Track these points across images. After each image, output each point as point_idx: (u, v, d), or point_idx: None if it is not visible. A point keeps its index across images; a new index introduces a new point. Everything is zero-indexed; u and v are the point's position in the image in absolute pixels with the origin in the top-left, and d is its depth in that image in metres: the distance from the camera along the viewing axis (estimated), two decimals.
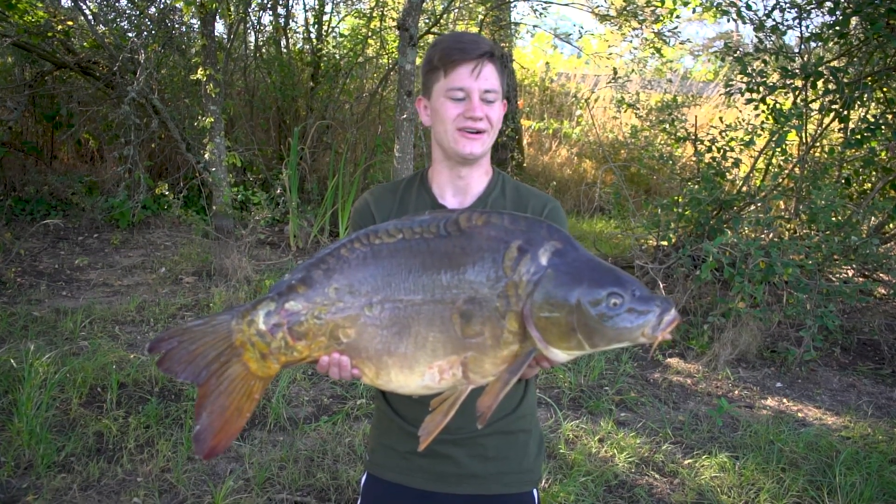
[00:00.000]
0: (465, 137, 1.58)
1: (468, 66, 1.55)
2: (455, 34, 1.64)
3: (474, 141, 1.58)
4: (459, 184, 1.67)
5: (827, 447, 3.72)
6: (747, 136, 5.96)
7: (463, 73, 1.56)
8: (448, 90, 1.57)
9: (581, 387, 4.38)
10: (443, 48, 1.58)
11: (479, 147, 1.59)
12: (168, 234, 7.16)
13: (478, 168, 1.67)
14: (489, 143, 1.62)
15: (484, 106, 1.57)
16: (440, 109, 1.59)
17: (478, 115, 1.56)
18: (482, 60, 1.56)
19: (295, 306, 1.35)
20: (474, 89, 1.56)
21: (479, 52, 1.56)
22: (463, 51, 1.56)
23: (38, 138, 8.39)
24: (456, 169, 1.65)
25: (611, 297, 1.28)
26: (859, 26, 5.75)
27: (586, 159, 11.20)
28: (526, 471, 1.72)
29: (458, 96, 1.57)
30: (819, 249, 5.08)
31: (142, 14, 7.44)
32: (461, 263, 1.32)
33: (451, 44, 1.58)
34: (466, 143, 1.58)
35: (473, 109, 1.56)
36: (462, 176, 1.66)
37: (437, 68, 1.59)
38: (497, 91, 1.59)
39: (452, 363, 1.33)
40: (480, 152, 1.60)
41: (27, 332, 4.50)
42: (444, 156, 1.66)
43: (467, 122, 1.57)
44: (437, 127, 1.62)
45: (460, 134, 1.58)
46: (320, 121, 8.37)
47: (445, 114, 1.58)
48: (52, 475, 3.06)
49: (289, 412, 3.79)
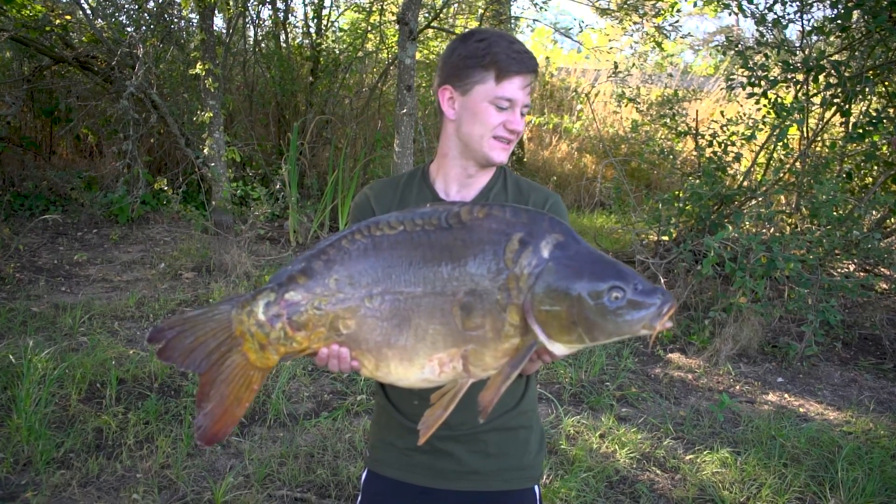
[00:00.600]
0: (500, 146, 1.59)
1: (524, 79, 1.55)
2: (507, 38, 1.59)
3: (505, 151, 1.60)
4: (468, 182, 1.67)
5: (829, 442, 3.71)
6: (748, 130, 5.95)
7: (516, 85, 1.54)
8: (497, 97, 1.55)
9: (582, 382, 4.37)
10: (499, 52, 1.54)
11: (507, 156, 1.62)
12: (167, 229, 7.14)
13: (490, 170, 1.69)
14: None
15: (521, 119, 1.59)
16: (482, 113, 1.57)
17: (518, 128, 1.57)
18: (534, 76, 1.57)
19: (295, 297, 1.34)
20: (520, 102, 1.56)
21: (534, 67, 1.56)
22: (521, 62, 1.54)
23: (36, 133, 8.37)
24: (471, 168, 1.65)
25: (612, 290, 1.27)
26: (861, 20, 5.73)
27: (587, 154, 11.18)
28: (527, 467, 1.71)
29: (503, 105, 1.56)
30: (820, 244, 5.07)
31: (140, 8, 7.42)
32: (462, 256, 1.31)
33: (509, 51, 1.54)
34: (500, 153, 1.59)
35: (516, 122, 1.56)
36: (472, 175, 1.66)
37: (487, 69, 1.55)
38: (529, 105, 1.61)
39: (453, 356, 1.32)
40: (506, 160, 1.63)
41: (26, 328, 4.49)
42: (461, 153, 1.63)
43: (506, 132, 1.57)
44: (468, 127, 1.59)
45: (496, 141, 1.58)
46: (320, 116, 8.35)
47: (487, 119, 1.56)
48: (52, 471, 3.05)
49: (289, 408, 3.78)
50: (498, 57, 1.53)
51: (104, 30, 7.05)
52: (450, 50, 1.62)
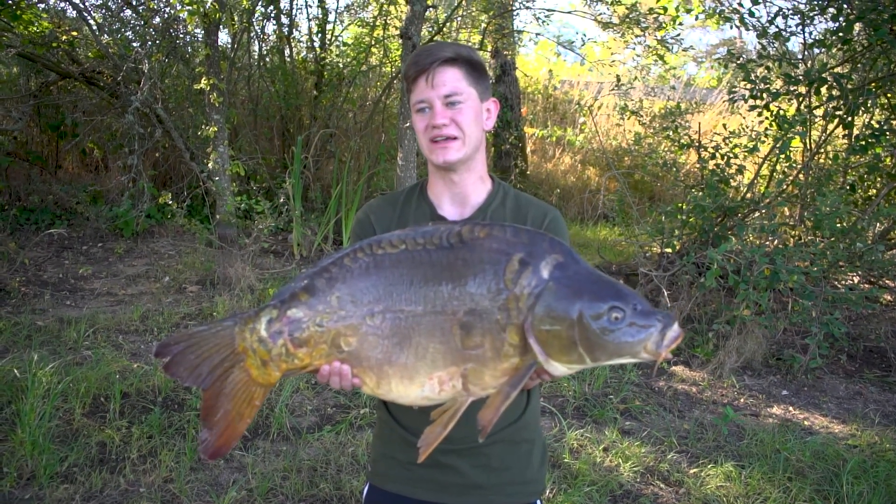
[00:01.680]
0: (437, 147, 1.60)
1: (423, 76, 1.58)
2: (417, 50, 1.65)
3: (446, 149, 1.60)
4: (455, 191, 1.67)
5: (834, 456, 3.69)
6: (751, 142, 5.95)
7: (420, 86, 1.59)
8: (415, 104, 1.61)
9: (585, 395, 4.36)
10: (406, 66, 1.63)
11: (453, 153, 1.60)
12: (172, 243, 7.16)
13: (469, 174, 1.66)
14: (467, 148, 1.61)
15: (448, 111, 1.58)
16: (414, 124, 1.65)
17: (439, 121, 1.57)
18: (433, 67, 1.57)
19: (297, 314, 1.36)
20: (434, 97, 1.58)
21: (432, 59, 1.57)
22: (417, 63, 1.59)
23: (42, 148, 8.41)
24: (446, 177, 1.66)
25: (612, 310, 1.27)
26: (863, 32, 5.75)
27: (590, 166, 11.20)
28: (530, 481, 1.71)
29: (422, 107, 1.60)
30: (824, 256, 5.05)
31: (146, 24, 7.47)
32: (463, 275, 1.33)
33: (410, 59, 1.62)
34: (439, 153, 1.60)
35: (434, 117, 1.58)
36: (455, 182, 1.66)
37: (407, 86, 1.64)
38: (461, 93, 1.58)
39: (452, 374, 1.33)
40: (456, 159, 1.60)
41: (31, 342, 4.50)
42: (433, 167, 1.68)
43: (433, 131, 1.58)
44: (418, 140, 1.67)
45: (433, 144, 1.60)
46: (324, 129, 8.39)
47: (416, 127, 1.63)
48: (55, 486, 3.05)
49: (292, 421, 3.78)
50: (404, 71, 1.63)
51: (110, 45, 7.10)
52: None
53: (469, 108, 1.59)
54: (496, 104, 1.68)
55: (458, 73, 1.58)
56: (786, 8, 5.85)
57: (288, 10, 9.09)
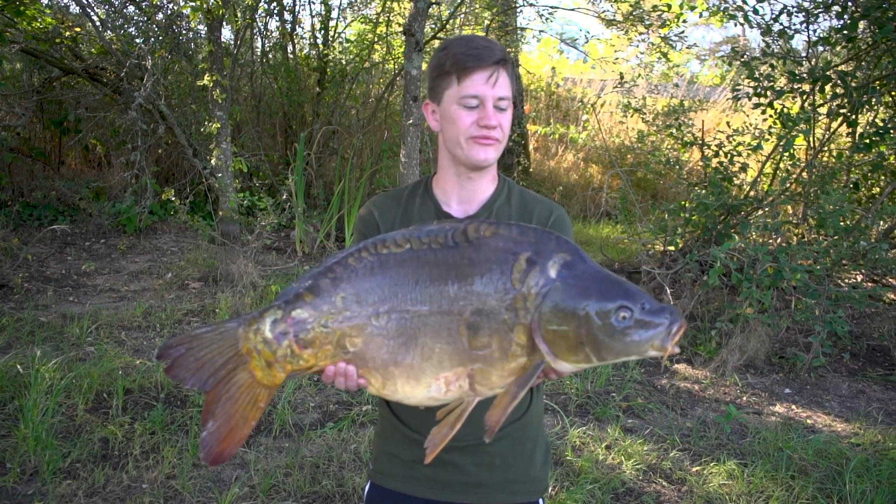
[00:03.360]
0: (479, 144, 1.55)
1: (484, 73, 1.52)
2: (465, 38, 1.59)
3: (488, 147, 1.56)
4: (467, 188, 1.64)
5: (837, 454, 3.68)
6: (755, 140, 5.94)
7: (478, 81, 1.52)
8: (462, 97, 1.53)
9: (588, 393, 4.35)
10: (455, 53, 1.54)
11: (493, 153, 1.57)
12: (174, 239, 7.17)
13: (486, 175, 1.65)
14: (501, 150, 1.60)
15: (497, 114, 1.54)
16: (453, 117, 1.55)
17: (493, 123, 1.53)
18: (498, 67, 1.53)
19: (301, 314, 1.34)
20: (489, 97, 1.52)
21: (495, 58, 1.52)
22: (478, 57, 1.52)
23: (45, 144, 8.42)
24: (464, 175, 1.63)
25: (620, 309, 1.27)
26: (867, 30, 5.73)
27: (593, 164, 11.19)
28: (533, 479, 1.71)
29: (472, 104, 1.53)
30: (828, 254, 5.05)
31: (149, 20, 7.48)
32: (469, 275, 1.31)
33: (464, 49, 1.53)
34: (480, 150, 1.55)
35: (488, 118, 1.52)
36: (472, 179, 1.63)
37: (449, 73, 1.54)
38: (509, 98, 1.56)
39: (459, 375, 1.32)
40: (493, 159, 1.58)
41: (34, 338, 4.51)
42: (452, 162, 1.63)
43: (482, 130, 1.53)
44: (448, 134, 1.59)
45: (474, 141, 1.55)
46: (326, 126, 8.38)
47: (459, 122, 1.54)
48: (58, 481, 3.06)
49: (294, 418, 3.78)
50: (456, 58, 1.53)
51: (113, 42, 7.11)
52: (427, 67, 1.65)
53: (510, 114, 1.58)
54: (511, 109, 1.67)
55: (507, 77, 1.56)
56: (790, 5, 5.83)
57: (291, 7, 9.08)
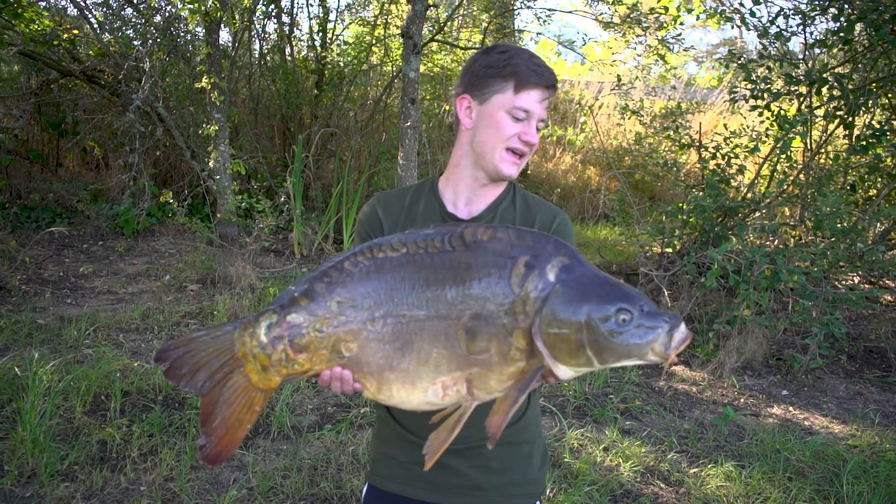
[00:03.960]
0: (511, 159, 1.59)
1: (542, 92, 1.56)
2: (528, 53, 1.62)
3: (517, 165, 1.61)
4: (479, 192, 1.66)
5: (834, 456, 3.70)
6: (752, 142, 5.95)
7: (535, 97, 1.56)
8: (514, 107, 1.56)
9: (586, 395, 4.36)
10: (519, 64, 1.56)
11: (517, 171, 1.62)
12: (172, 241, 7.17)
13: (501, 184, 1.69)
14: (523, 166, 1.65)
15: (535, 132, 1.59)
16: (498, 122, 1.57)
17: (533, 140, 1.58)
18: (552, 91, 1.58)
19: (297, 319, 1.34)
20: (536, 115, 1.57)
21: (553, 81, 1.58)
22: (541, 76, 1.56)
23: (43, 146, 8.42)
24: (480, 181, 1.65)
25: (619, 312, 1.26)
26: (864, 33, 5.75)
27: (590, 166, 11.19)
28: (530, 482, 1.71)
29: (521, 116, 1.56)
30: (825, 256, 5.06)
31: (147, 22, 7.47)
32: (467, 279, 1.31)
33: (529, 64, 1.56)
34: (510, 166, 1.60)
35: (531, 134, 1.57)
36: (485, 186, 1.66)
37: (507, 80, 1.56)
38: (545, 121, 1.62)
39: (456, 379, 1.32)
40: (516, 175, 1.63)
41: (31, 340, 4.50)
42: (473, 163, 1.63)
43: (520, 144, 1.58)
44: (483, 135, 1.60)
45: (508, 153, 1.58)
46: (324, 128, 8.38)
47: (503, 128, 1.57)
48: (56, 484, 3.06)
49: (292, 420, 3.78)
50: (518, 68, 1.55)
51: (111, 44, 7.10)
52: (472, 60, 1.64)
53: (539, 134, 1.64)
54: None
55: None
56: (787, 8, 5.87)
57: (289, 9, 9.09)
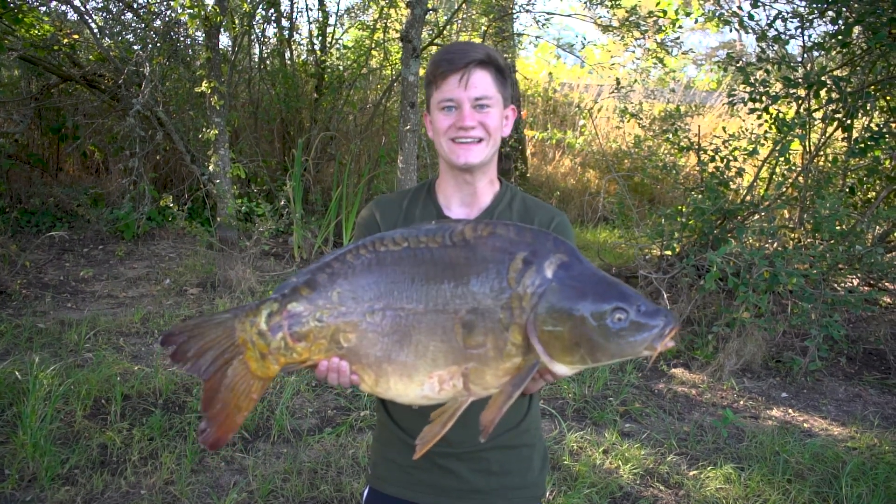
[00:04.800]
0: (459, 147, 1.59)
1: (456, 76, 1.56)
2: (447, 46, 1.66)
3: (469, 150, 1.59)
4: (466, 191, 1.67)
5: (833, 458, 3.70)
6: (751, 145, 5.96)
7: (451, 84, 1.57)
8: (440, 102, 1.59)
9: (585, 397, 4.37)
10: (434, 61, 1.60)
11: (475, 156, 1.60)
12: (172, 245, 7.18)
13: (482, 177, 1.66)
14: (488, 150, 1.61)
15: (477, 113, 1.57)
16: (435, 121, 1.62)
17: (468, 123, 1.57)
18: (469, 68, 1.56)
19: (297, 308, 1.36)
20: (464, 98, 1.57)
21: (466, 60, 1.56)
22: (450, 62, 1.57)
23: (43, 150, 8.42)
24: (460, 178, 1.65)
25: (615, 311, 1.27)
26: (861, 36, 5.76)
27: (590, 169, 11.21)
28: (530, 485, 1.71)
29: (448, 105, 1.58)
30: (823, 258, 5.06)
31: (147, 27, 7.49)
32: (465, 274, 1.32)
33: (441, 56, 1.60)
34: (461, 153, 1.59)
35: (463, 119, 1.57)
36: (469, 183, 1.65)
37: (431, 82, 1.61)
38: (491, 97, 1.58)
39: (453, 373, 1.33)
40: (478, 161, 1.60)
41: (32, 344, 4.51)
42: (447, 167, 1.66)
43: (459, 132, 1.58)
44: (435, 139, 1.64)
45: (455, 144, 1.59)
46: (324, 132, 8.40)
47: (439, 125, 1.61)
48: (56, 488, 3.06)
49: (293, 424, 3.78)
50: (433, 65, 1.60)
51: (111, 48, 7.12)
52: None
53: (496, 112, 1.60)
54: (514, 111, 1.69)
55: (489, 77, 1.58)
56: (785, 11, 5.85)
57: (288, 14, 9.11)
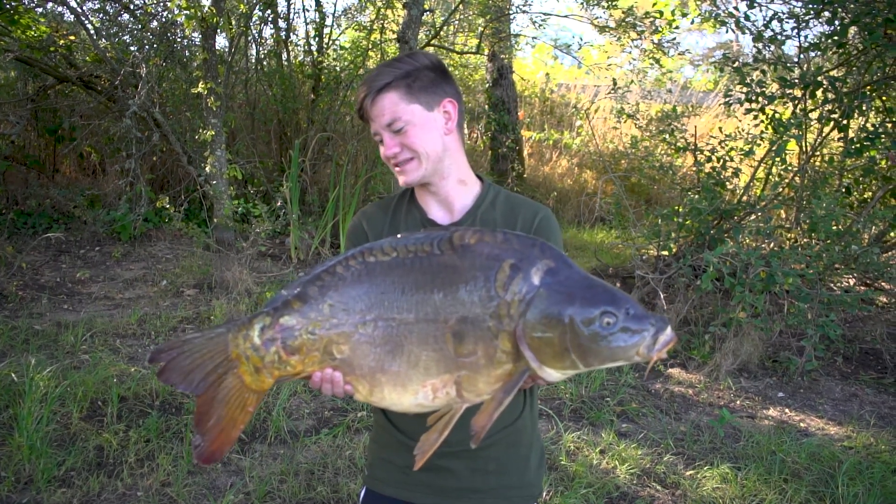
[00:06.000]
0: (398, 172, 1.63)
1: (373, 109, 1.58)
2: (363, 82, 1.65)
3: (405, 171, 1.62)
4: (437, 198, 1.69)
5: (829, 457, 3.71)
6: (747, 145, 5.97)
7: (372, 116, 1.59)
8: (373, 135, 1.64)
9: (582, 398, 4.37)
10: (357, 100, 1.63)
11: (412, 175, 1.61)
12: (169, 246, 7.17)
13: (445, 181, 1.65)
14: (427, 165, 1.60)
15: (396, 137, 1.58)
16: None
17: (389, 153, 1.60)
18: (367, 100, 1.58)
19: (289, 321, 1.36)
20: (380, 128, 1.59)
21: (365, 93, 1.58)
22: (366, 94, 1.58)
23: (40, 152, 8.42)
24: (424, 188, 1.69)
25: (604, 315, 1.26)
26: (857, 36, 5.77)
27: (587, 170, 11.23)
28: (527, 484, 1.72)
29: (378, 139, 1.62)
30: (820, 258, 5.07)
31: (143, 28, 7.49)
32: (454, 282, 1.32)
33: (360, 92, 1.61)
34: (401, 177, 1.64)
35: (385, 149, 1.61)
36: (433, 192, 1.68)
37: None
38: (400, 117, 1.56)
39: (446, 382, 1.33)
40: (417, 178, 1.61)
41: (28, 346, 4.50)
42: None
43: (390, 161, 1.62)
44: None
45: (395, 168, 1.63)
46: (321, 133, 8.40)
47: (382, 156, 1.65)
48: (53, 490, 3.06)
49: (289, 425, 3.78)
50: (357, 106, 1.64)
51: (108, 50, 7.11)
52: None
53: (414, 128, 1.57)
54: (453, 103, 1.62)
55: (393, 97, 1.56)
56: (781, 12, 5.86)
57: (285, 15, 9.10)
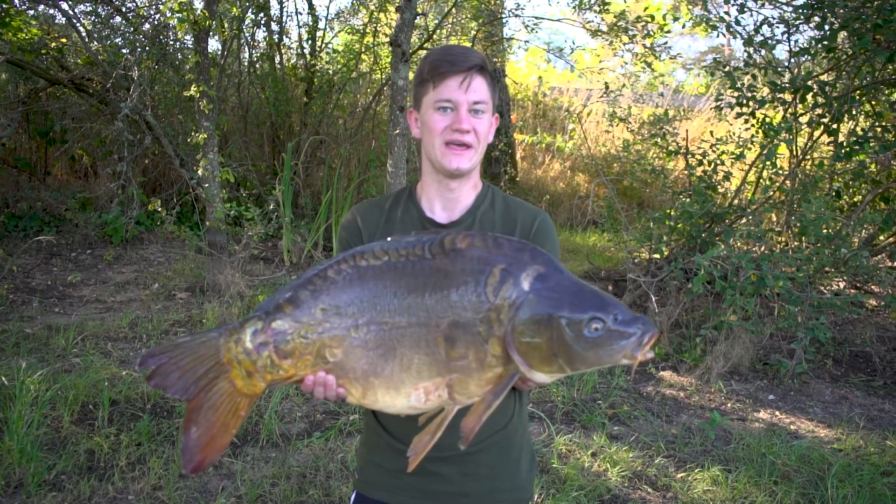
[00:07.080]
0: (452, 152, 1.58)
1: (457, 78, 1.55)
2: (445, 47, 1.64)
3: (461, 156, 1.58)
4: (449, 197, 1.67)
5: (819, 459, 3.73)
6: (738, 149, 6.00)
7: (451, 85, 1.55)
8: (436, 101, 1.57)
9: (574, 400, 4.38)
10: (432, 60, 1.58)
11: (467, 162, 1.59)
12: (161, 249, 7.15)
13: (467, 182, 1.67)
14: (476, 158, 1.61)
15: (472, 118, 1.57)
16: (428, 121, 1.60)
17: (465, 126, 1.55)
18: (471, 73, 1.56)
19: (281, 325, 1.36)
20: (462, 101, 1.56)
21: (469, 64, 1.56)
22: (452, 63, 1.55)
23: (31, 154, 8.39)
24: (444, 183, 1.65)
25: (592, 321, 1.28)
26: (847, 41, 5.81)
27: (579, 173, 11.25)
28: (518, 487, 1.72)
29: (446, 106, 1.57)
30: (810, 262, 5.10)
31: (136, 31, 7.48)
32: (445, 286, 1.33)
33: (440, 56, 1.58)
34: (453, 159, 1.58)
35: (461, 121, 1.55)
36: (451, 189, 1.65)
37: (427, 80, 1.59)
38: (486, 103, 1.58)
39: (438, 385, 1.34)
40: (468, 168, 1.60)
41: (19, 350, 4.48)
42: (432, 168, 1.65)
43: (454, 134, 1.57)
44: (425, 139, 1.63)
45: (448, 148, 1.58)
46: (314, 136, 8.40)
47: (433, 125, 1.58)
48: (43, 494, 3.04)
49: (281, 428, 3.78)
50: (432, 65, 1.58)
51: (99, 52, 7.10)
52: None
53: (487, 119, 1.60)
54: (497, 119, 1.68)
55: (486, 84, 1.58)
56: (771, 17, 5.90)
57: (278, 18, 9.11)
